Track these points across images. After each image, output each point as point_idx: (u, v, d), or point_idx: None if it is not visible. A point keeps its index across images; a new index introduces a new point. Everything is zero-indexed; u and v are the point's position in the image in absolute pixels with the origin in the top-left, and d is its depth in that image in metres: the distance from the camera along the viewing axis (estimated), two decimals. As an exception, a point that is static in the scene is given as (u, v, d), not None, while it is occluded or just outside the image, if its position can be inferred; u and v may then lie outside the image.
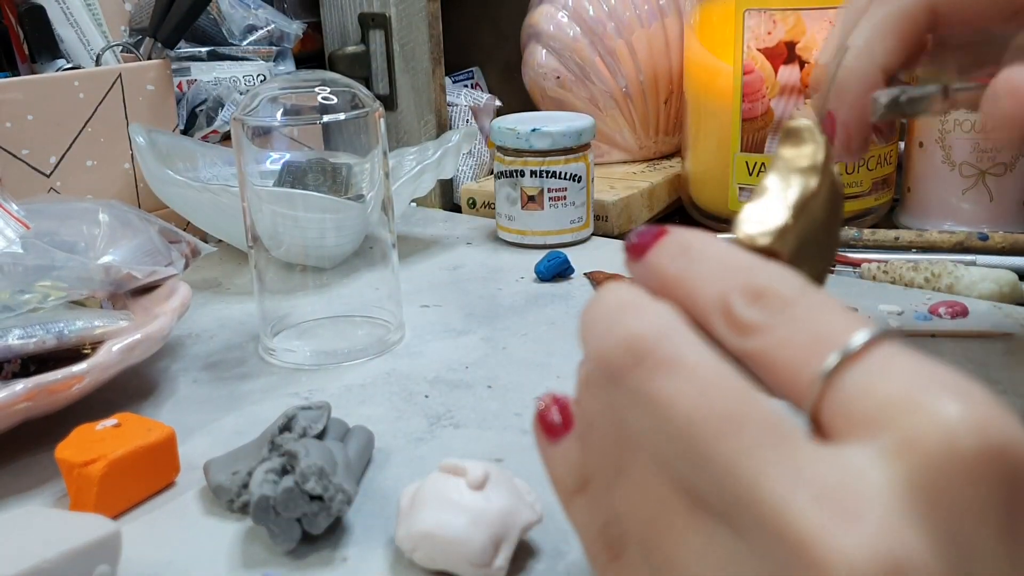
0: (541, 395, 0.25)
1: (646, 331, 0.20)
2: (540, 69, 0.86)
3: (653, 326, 0.20)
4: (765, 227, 0.24)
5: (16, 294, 0.46)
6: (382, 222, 0.55)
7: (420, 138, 0.84)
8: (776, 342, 0.20)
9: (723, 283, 0.21)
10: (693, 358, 0.19)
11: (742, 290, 0.20)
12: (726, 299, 0.21)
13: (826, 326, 0.19)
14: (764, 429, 0.18)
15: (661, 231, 0.23)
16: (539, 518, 0.34)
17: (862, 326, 0.19)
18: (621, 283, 0.22)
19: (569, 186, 0.69)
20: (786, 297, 0.20)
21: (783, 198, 0.25)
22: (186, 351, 0.55)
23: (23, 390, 0.39)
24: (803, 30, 0.69)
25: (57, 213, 0.52)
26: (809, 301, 0.20)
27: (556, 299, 0.61)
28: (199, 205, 0.63)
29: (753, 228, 0.24)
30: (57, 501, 0.40)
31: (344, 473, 0.36)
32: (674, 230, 0.23)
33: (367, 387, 0.50)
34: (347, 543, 0.36)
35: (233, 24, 0.81)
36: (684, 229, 0.23)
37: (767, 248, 0.24)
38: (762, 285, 0.20)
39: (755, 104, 0.71)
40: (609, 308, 0.21)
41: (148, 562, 0.35)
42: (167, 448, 0.40)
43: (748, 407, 0.19)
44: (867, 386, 0.18)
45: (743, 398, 0.19)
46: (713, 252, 0.22)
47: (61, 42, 0.71)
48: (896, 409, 0.18)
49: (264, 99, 0.51)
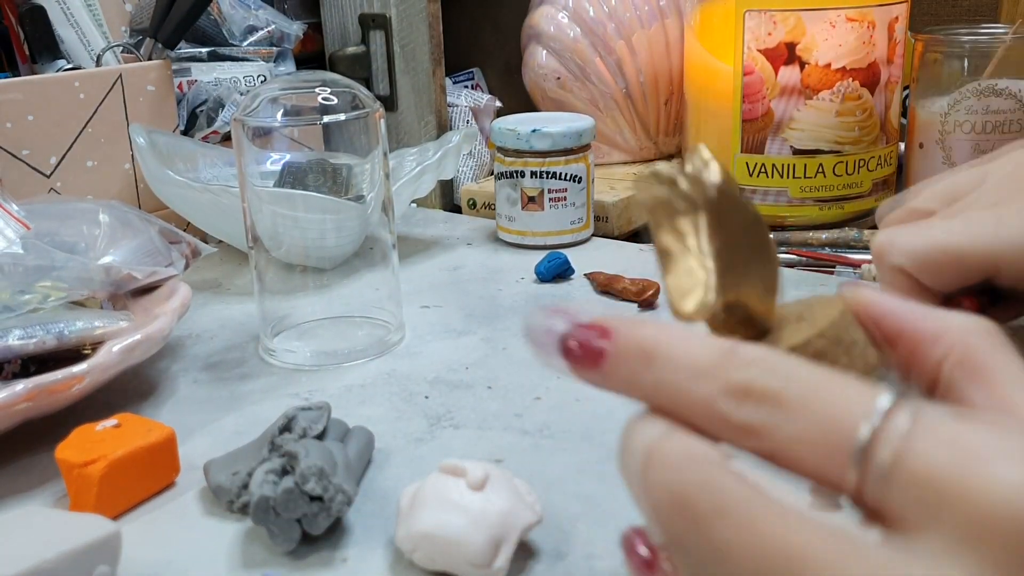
0: (625, 532, 0.23)
1: (686, 486, 0.19)
2: (540, 70, 0.86)
3: (688, 477, 0.19)
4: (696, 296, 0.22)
5: (16, 294, 0.46)
6: (382, 223, 0.55)
7: (420, 139, 0.84)
8: (788, 439, 0.19)
9: (704, 389, 0.20)
10: (738, 496, 0.18)
11: (726, 393, 0.19)
12: (714, 407, 0.20)
13: (833, 408, 0.18)
14: (833, 550, 0.17)
15: (603, 330, 0.21)
16: (539, 519, 0.34)
17: (872, 392, 0.18)
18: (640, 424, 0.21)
19: (569, 187, 0.69)
20: (775, 392, 0.19)
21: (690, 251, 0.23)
22: (186, 352, 0.55)
23: (23, 390, 0.39)
24: (803, 31, 0.69)
25: (57, 213, 0.52)
26: (800, 387, 0.19)
27: (556, 300, 0.61)
28: (199, 206, 0.63)
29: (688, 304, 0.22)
30: (57, 501, 0.40)
31: (344, 474, 0.36)
32: (617, 328, 0.21)
33: (367, 388, 0.49)
34: (347, 544, 0.36)
35: (234, 25, 0.81)
36: (625, 323, 0.21)
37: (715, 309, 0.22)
38: (744, 383, 0.19)
39: (755, 105, 0.71)
40: (639, 463, 0.20)
41: (148, 562, 0.35)
42: (167, 448, 0.40)
43: (808, 532, 0.18)
44: (913, 466, 0.17)
45: (800, 524, 0.18)
46: (677, 352, 0.20)
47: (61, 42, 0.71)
48: (952, 491, 0.17)
49: (264, 100, 0.51)
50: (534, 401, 0.47)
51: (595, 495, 0.39)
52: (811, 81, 0.70)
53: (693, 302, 0.22)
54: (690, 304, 0.22)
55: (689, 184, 0.22)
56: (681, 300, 0.22)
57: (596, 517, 0.37)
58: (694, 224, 0.22)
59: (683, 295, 0.22)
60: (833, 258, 0.65)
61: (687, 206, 0.22)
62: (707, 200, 0.22)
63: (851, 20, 0.69)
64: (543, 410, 0.46)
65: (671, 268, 0.23)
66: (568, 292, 0.62)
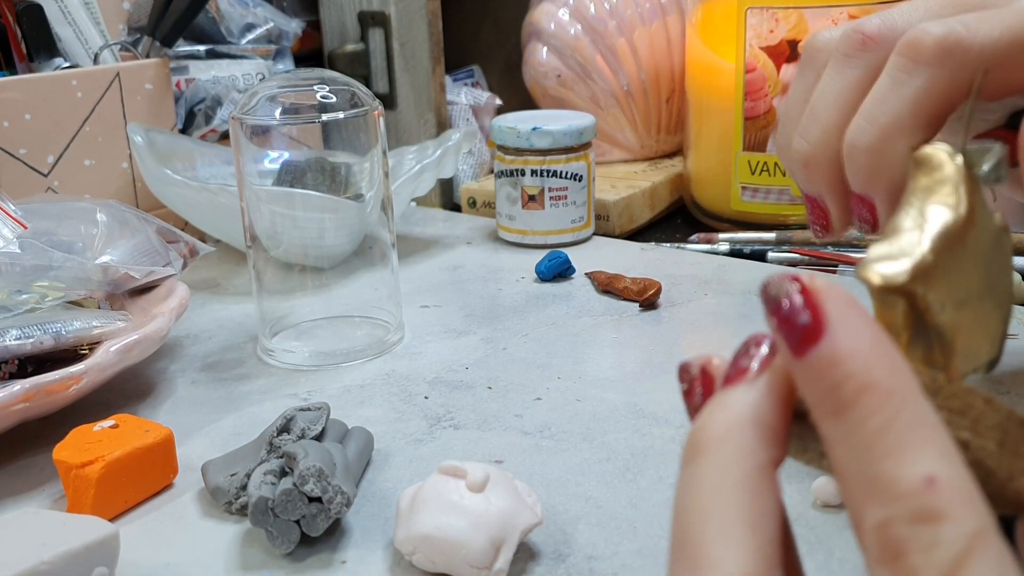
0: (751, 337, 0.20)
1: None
2: (541, 68, 0.85)
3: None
4: (899, 265, 0.20)
5: (13, 294, 0.46)
6: (381, 222, 0.54)
7: (420, 137, 0.84)
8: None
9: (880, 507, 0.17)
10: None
11: (910, 519, 0.16)
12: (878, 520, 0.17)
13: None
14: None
15: (815, 329, 0.18)
16: (539, 520, 0.34)
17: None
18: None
19: (570, 185, 0.69)
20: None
21: (920, 232, 0.21)
22: (184, 352, 0.55)
23: (20, 391, 0.39)
24: (805, 28, 0.68)
25: (55, 213, 0.52)
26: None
27: (557, 299, 0.60)
28: (197, 205, 0.63)
29: (886, 267, 0.20)
30: (54, 503, 0.40)
31: (343, 475, 0.36)
32: (837, 330, 0.18)
33: (366, 388, 0.49)
34: (346, 545, 0.36)
35: (232, 22, 0.80)
36: (845, 327, 0.18)
37: (903, 289, 0.20)
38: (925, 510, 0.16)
39: (757, 103, 0.71)
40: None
41: (146, 564, 0.35)
42: (165, 449, 0.40)
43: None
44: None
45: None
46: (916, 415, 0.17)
47: (59, 41, 0.70)
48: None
49: (263, 98, 0.51)
50: (534, 401, 0.47)
51: (596, 496, 0.38)
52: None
53: (882, 272, 0.20)
54: (879, 272, 0.20)
55: (965, 183, 0.21)
56: (878, 262, 0.21)
57: (597, 518, 0.37)
58: (943, 217, 0.21)
59: (883, 261, 0.21)
60: (836, 257, 0.65)
61: (949, 195, 0.21)
62: (973, 199, 0.21)
63: (853, 17, 0.68)
64: (543, 410, 0.46)
65: (889, 237, 0.21)
66: (569, 291, 0.62)
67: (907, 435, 0.17)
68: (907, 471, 0.16)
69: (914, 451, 0.16)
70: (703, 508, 0.18)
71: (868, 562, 0.17)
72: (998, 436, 0.19)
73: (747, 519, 0.18)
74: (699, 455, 0.19)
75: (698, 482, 0.19)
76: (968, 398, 0.19)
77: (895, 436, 0.17)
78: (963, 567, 0.16)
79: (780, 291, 0.18)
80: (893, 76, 0.30)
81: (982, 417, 0.19)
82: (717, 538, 0.17)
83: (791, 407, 0.19)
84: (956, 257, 0.21)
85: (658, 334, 0.54)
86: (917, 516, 0.16)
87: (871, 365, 0.17)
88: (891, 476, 0.16)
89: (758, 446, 0.19)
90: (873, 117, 0.30)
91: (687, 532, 0.18)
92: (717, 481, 0.18)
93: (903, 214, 0.22)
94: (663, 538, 0.35)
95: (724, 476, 0.18)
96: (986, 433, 0.19)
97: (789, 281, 0.18)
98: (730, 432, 0.19)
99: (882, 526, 0.16)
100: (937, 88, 0.29)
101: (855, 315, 0.18)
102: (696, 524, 0.18)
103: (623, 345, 0.53)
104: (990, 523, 0.16)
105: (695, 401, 0.21)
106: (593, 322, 0.57)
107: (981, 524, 0.16)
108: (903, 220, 0.22)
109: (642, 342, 0.53)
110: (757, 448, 0.19)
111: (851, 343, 0.17)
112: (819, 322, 0.18)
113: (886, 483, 0.16)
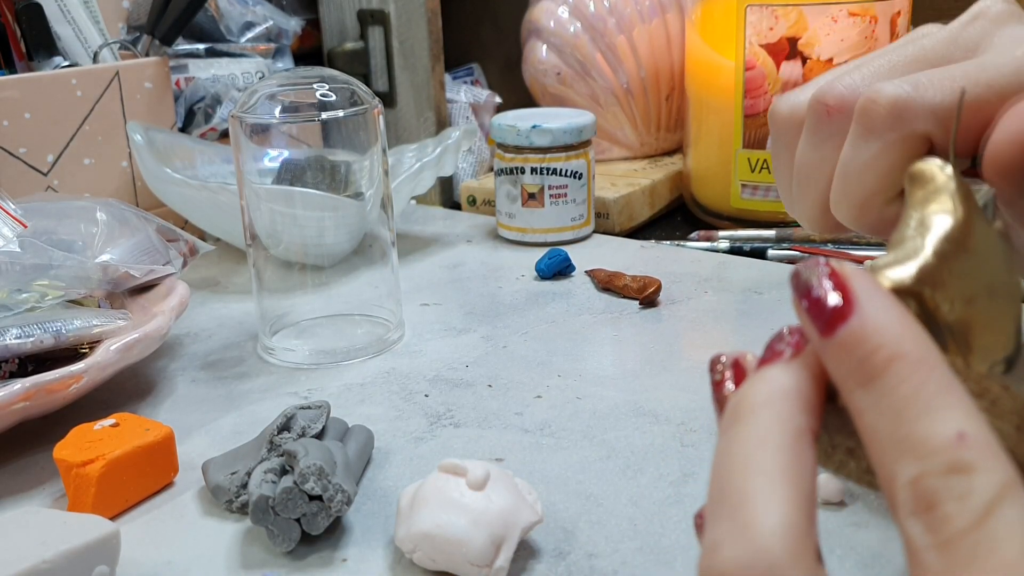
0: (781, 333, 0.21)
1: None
2: (540, 65, 0.85)
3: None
4: (906, 269, 0.21)
5: (13, 293, 0.46)
6: (381, 220, 0.54)
7: (419, 135, 0.83)
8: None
9: (908, 461, 0.18)
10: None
11: (930, 471, 0.17)
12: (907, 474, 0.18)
13: None
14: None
15: (845, 308, 0.19)
16: (540, 518, 0.34)
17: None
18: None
19: (570, 183, 0.69)
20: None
21: (922, 238, 0.22)
22: (184, 350, 0.55)
23: (21, 389, 0.39)
24: (805, 26, 0.68)
25: (54, 212, 0.52)
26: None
27: (557, 297, 0.60)
28: (197, 203, 0.63)
29: (893, 272, 0.21)
30: (55, 501, 0.40)
31: (343, 473, 0.36)
32: (867, 319, 0.19)
33: (366, 386, 0.49)
34: (346, 543, 0.36)
35: (231, 21, 0.80)
36: (877, 321, 0.19)
37: (912, 290, 0.21)
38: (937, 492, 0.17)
39: (757, 100, 0.71)
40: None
41: (147, 563, 0.35)
42: (165, 448, 0.40)
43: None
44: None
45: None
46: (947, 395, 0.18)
47: (58, 40, 0.70)
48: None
49: (262, 96, 0.51)
50: (535, 399, 0.47)
51: (596, 494, 0.38)
52: (813, 76, 0.69)
53: (890, 276, 0.21)
54: (887, 276, 0.21)
55: (959, 191, 0.22)
56: (882, 269, 0.22)
57: (597, 516, 0.37)
58: (941, 221, 0.22)
59: (887, 267, 0.22)
60: (835, 254, 0.65)
61: (944, 202, 0.22)
62: (968, 205, 0.22)
63: (853, 15, 0.68)
64: (544, 408, 0.46)
65: (895, 244, 0.23)
66: (569, 289, 0.62)
67: (936, 398, 0.18)
68: (939, 428, 0.17)
69: (944, 411, 0.18)
70: (746, 464, 0.19)
71: (900, 518, 0.18)
72: (1016, 420, 0.20)
73: (790, 475, 0.18)
74: (740, 420, 0.20)
75: (741, 441, 0.19)
76: (985, 383, 0.20)
77: (925, 399, 0.18)
78: (993, 514, 0.17)
79: (811, 275, 0.20)
80: (854, 144, 0.31)
81: (999, 401, 0.20)
82: (761, 489, 0.18)
83: (824, 388, 0.20)
84: (960, 258, 0.22)
85: (658, 332, 0.54)
86: (950, 468, 0.17)
87: (901, 337, 0.18)
88: (924, 434, 0.17)
89: (798, 413, 0.19)
90: (845, 192, 0.31)
91: (730, 484, 0.19)
92: (761, 439, 0.19)
93: (904, 225, 0.23)
94: (663, 535, 0.35)
95: (768, 436, 0.19)
96: (1004, 416, 0.20)
97: (819, 266, 0.20)
98: (772, 399, 0.20)
99: (916, 481, 0.17)
100: (896, 149, 0.30)
101: (881, 295, 0.19)
102: (739, 477, 0.19)
103: (623, 343, 0.53)
104: (1016, 476, 0.17)
105: (724, 392, 0.21)
106: (593, 320, 0.57)
107: (1009, 476, 0.17)
108: (905, 230, 0.23)
109: (642, 340, 0.53)
110: (797, 415, 0.19)
111: (880, 318, 0.19)
112: (849, 302, 0.19)
113: (919, 441, 0.18)
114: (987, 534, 0.17)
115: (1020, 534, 0.16)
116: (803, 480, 0.19)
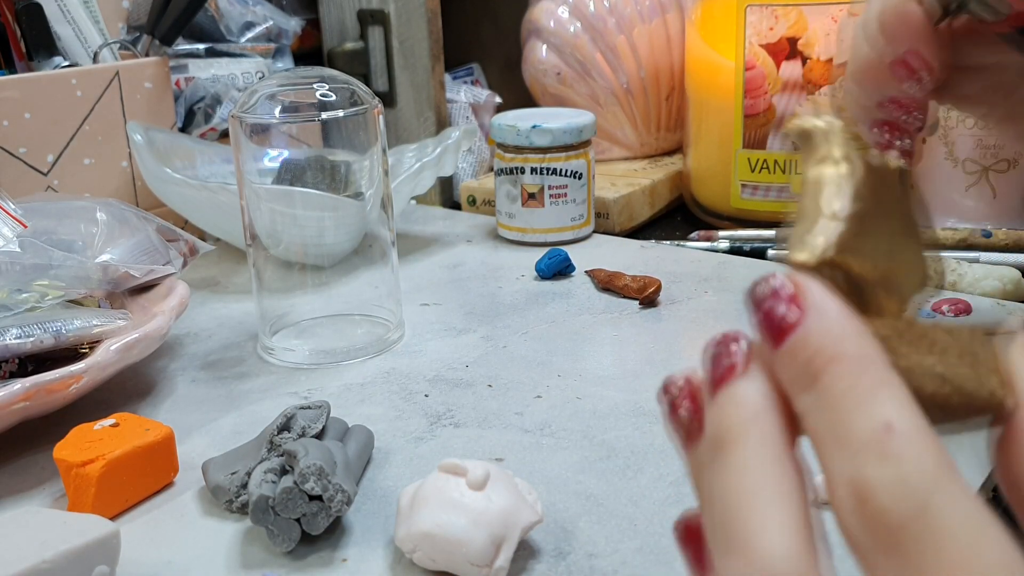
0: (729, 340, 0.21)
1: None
2: (540, 65, 0.85)
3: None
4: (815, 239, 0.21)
5: (14, 293, 0.45)
6: (381, 220, 0.54)
7: (419, 135, 0.83)
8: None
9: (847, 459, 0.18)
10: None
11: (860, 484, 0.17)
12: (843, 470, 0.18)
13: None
14: None
15: (794, 319, 0.19)
16: (540, 518, 0.34)
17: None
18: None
19: (570, 183, 0.69)
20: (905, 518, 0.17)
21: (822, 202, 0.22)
22: (184, 350, 0.55)
23: (21, 389, 0.39)
24: (805, 26, 0.68)
25: (54, 212, 0.52)
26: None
27: (557, 297, 0.60)
28: (197, 203, 0.63)
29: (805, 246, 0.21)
30: (55, 501, 0.40)
31: (343, 473, 0.36)
32: (818, 330, 0.19)
33: (366, 386, 0.49)
34: (346, 543, 0.36)
35: (231, 21, 0.80)
36: (827, 321, 0.19)
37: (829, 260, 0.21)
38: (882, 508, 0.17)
39: (757, 100, 0.71)
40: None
41: (147, 563, 0.35)
42: (165, 448, 0.40)
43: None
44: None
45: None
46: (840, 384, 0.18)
47: (58, 40, 0.70)
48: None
49: (262, 96, 0.51)
50: (535, 399, 0.47)
51: (596, 494, 0.38)
52: (813, 76, 0.69)
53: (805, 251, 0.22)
54: (801, 252, 0.22)
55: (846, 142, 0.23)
56: (798, 245, 0.22)
57: (597, 516, 0.37)
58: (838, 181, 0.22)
59: (798, 241, 0.22)
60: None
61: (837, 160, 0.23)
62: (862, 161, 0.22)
63: (854, 15, 0.68)
64: (544, 408, 0.46)
65: (799, 217, 0.23)
66: (569, 289, 0.62)
67: (868, 392, 0.18)
68: (867, 422, 0.18)
69: (874, 405, 0.18)
70: (744, 495, 0.19)
71: (841, 520, 0.18)
72: (968, 360, 0.20)
73: (787, 497, 0.19)
74: (724, 448, 0.19)
75: (736, 472, 0.19)
76: (931, 334, 0.20)
77: (857, 395, 0.18)
78: (929, 504, 0.17)
79: (764, 289, 0.20)
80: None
81: (949, 347, 0.20)
82: (767, 519, 0.18)
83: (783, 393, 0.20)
84: (869, 216, 0.22)
85: (658, 332, 0.54)
86: (879, 458, 0.17)
87: (841, 339, 0.19)
88: (854, 428, 0.18)
89: (777, 429, 0.19)
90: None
91: (735, 518, 0.19)
92: (753, 466, 0.19)
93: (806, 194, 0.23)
94: (664, 535, 0.35)
95: (758, 461, 0.19)
96: (956, 360, 0.20)
97: (771, 279, 0.20)
98: (751, 422, 0.19)
99: (850, 477, 0.17)
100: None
101: (826, 300, 0.19)
102: (743, 509, 0.19)
103: (623, 343, 0.53)
104: (949, 462, 0.17)
105: (680, 414, 0.21)
106: (593, 320, 0.57)
107: (939, 462, 0.17)
108: (809, 200, 0.23)
109: (642, 340, 0.53)
110: (776, 432, 0.19)
111: (823, 323, 0.19)
112: (799, 311, 0.19)
113: (851, 436, 0.18)
114: (927, 526, 0.17)
115: (960, 523, 0.16)
116: (798, 495, 0.19)
